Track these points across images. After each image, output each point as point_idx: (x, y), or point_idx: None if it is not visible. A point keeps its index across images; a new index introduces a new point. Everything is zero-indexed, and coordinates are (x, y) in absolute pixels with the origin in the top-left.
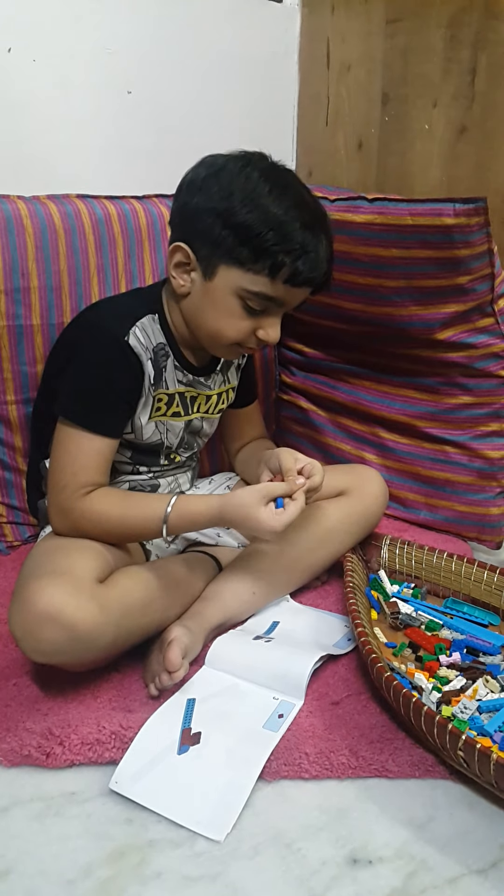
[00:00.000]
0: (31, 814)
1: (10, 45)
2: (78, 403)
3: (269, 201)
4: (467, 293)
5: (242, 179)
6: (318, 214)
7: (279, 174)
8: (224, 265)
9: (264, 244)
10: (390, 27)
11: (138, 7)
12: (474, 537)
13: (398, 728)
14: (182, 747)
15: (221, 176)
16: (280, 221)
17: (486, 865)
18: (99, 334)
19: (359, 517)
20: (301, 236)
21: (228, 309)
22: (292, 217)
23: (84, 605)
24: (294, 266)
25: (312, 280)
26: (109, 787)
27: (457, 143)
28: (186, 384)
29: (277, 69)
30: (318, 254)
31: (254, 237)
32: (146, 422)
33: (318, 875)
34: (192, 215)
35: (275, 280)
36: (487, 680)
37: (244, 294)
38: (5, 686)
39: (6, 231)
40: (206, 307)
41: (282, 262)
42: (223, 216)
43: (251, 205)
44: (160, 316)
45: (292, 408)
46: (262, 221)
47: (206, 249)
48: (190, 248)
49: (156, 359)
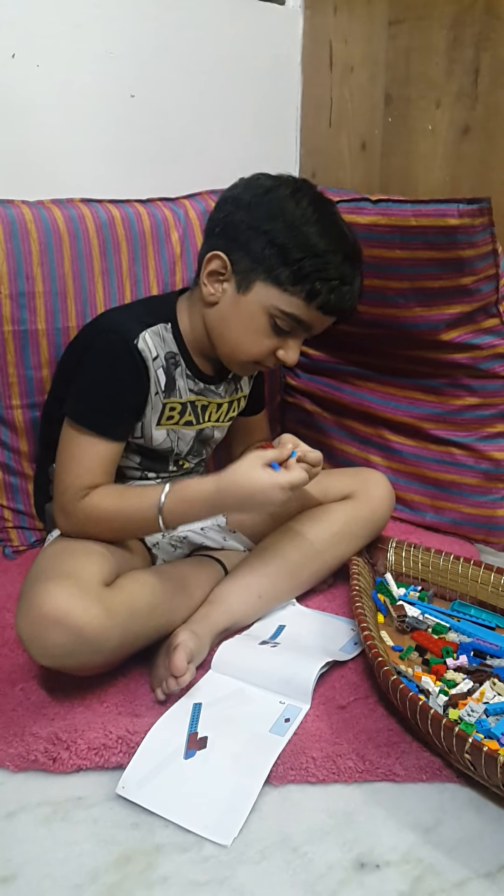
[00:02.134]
0: (37, 818)
1: (13, 51)
2: (84, 406)
3: (315, 230)
4: (472, 294)
5: (293, 204)
6: (358, 250)
7: (326, 205)
8: (261, 282)
9: (305, 270)
10: (393, 28)
11: (141, 11)
12: (481, 539)
13: (405, 731)
14: (189, 752)
15: (272, 197)
16: (324, 251)
17: (494, 869)
18: (108, 337)
19: (365, 521)
20: (341, 268)
21: (256, 325)
22: (336, 248)
23: (90, 608)
24: (330, 296)
25: (343, 311)
26: (116, 792)
27: (460, 143)
28: (197, 392)
29: (280, 71)
30: (353, 287)
31: (296, 261)
32: (155, 428)
33: (324, 879)
34: (234, 228)
35: (310, 305)
36: (495, 683)
37: (276, 313)
38: (12, 691)
39: (11, 236)
40: (234, 320)
41: (319, 290)
42: (269, 235)
43: (299, 230)
44: (173, 325)
45: (297, 410)
46: (307, 248)
47: (246, 264)
48: (228, 259)
49: (167, 366)
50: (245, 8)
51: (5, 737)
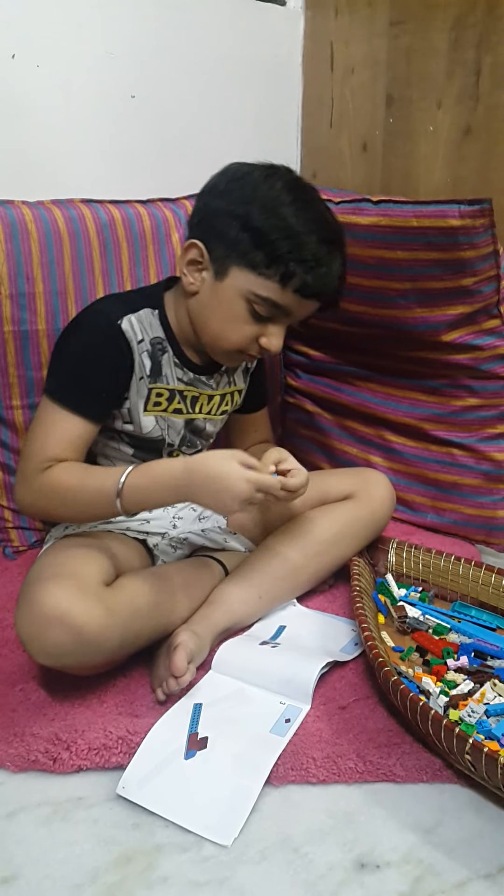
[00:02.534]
0: (38, 819)
1: (13, 52)
2: (61, 381)
3: (289, 211)
4: (473, 295)
5: (266, 187)
6: (337, 232)
7: (303, 188)
8: (236, 267)
9: (279, 251)
10: (394, 29)
11: (141, 12)
12: (482, 540)
13: (405, 732)
14: (189, 752)
15: (245, 182)
16: (298, 232)
17: (494, 870)
18: (92, 316)
19: (366, 521)
20: (316, 249)
21: (235, 312)
22: (310, 230)
23: (90, 607)
24: (305, 277)
25: (321, 294)
26: (116, 793)
27: (461, 144)
28: (187, 382)
29: (281, 72)
30: (330, 269)
31: (270, 243)
32: (143, 414)
33: (325, 880)
34: (211, 216)
35: (285, 288)
36: (495, 683)
37: (253, 298)
38: (12, 691)
39: (11, 236)
40: (213, 308)
41: (293, 272)
42: (242, 219)
43: (272, 212)
44: (160, 312)
45: (298, 411)
46: (279, 229)
47: (221, 250)
48: (205, 247)
49: (153, 351)
50: (246, 9)
51: (5, 737)
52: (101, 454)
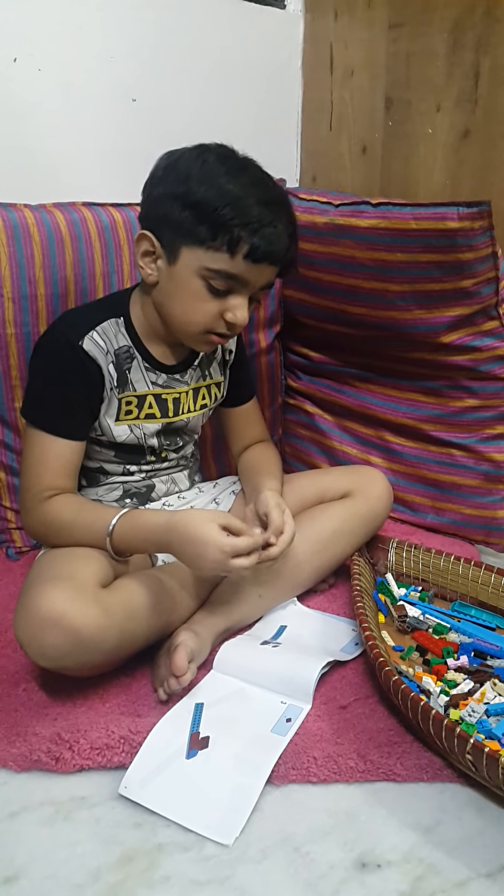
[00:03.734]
0: (40, 818)
1: (14, 55)
2: (36, 407)
3: (224, 180)
4: (472, 296)
5: (199, 163)
6: (277, 194)
7: (236, 158)
8: (185, 247)
9: (221, 219)
10: (393, 32)
11: (141, 15)
12: (481, 540)
13: (406, 732)
14: (191, 751)
15: (179, 163)
16: (236, 196)
17: (495, 869)
18: (54, 340)
19: (363, 518)
20: (258, 211)
21: (193, 291)
22: (248, 193)
23: (87, 609)
24: (252, 240)
25: (272, 255)
26: (118, 793)
27: (460, 146)
28: (163, 385)
29: (281, 75)
30: (276, 229)
31: (210, 213)
32: (114, 424)
33: (326, 879)
34: (153, 204)
35: (234, 256)
36: (495, 683)
37: (206, 273)
38: (14, 691)
39: (13, 239)
40: (173, 293)
41: (238, 237)
42: (181, 198)
43: (207, 184)
44: (125, 319)
45: (298, 412)
46: (217, 197)
47: (169, 234)
48: (154, 235)
49: (118, 362)
50: (246, 12)
51: (8, 737)
52: (86, 456)
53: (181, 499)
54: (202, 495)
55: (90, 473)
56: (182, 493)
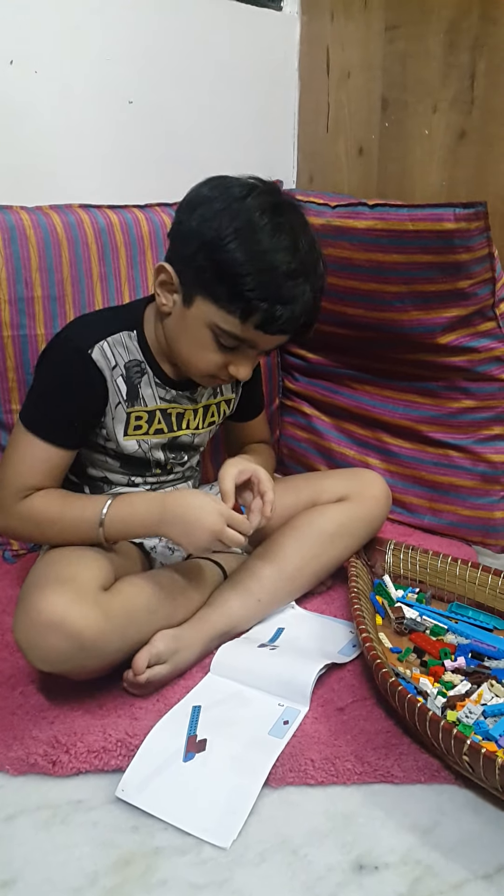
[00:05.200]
0: (37, 822)
1: (11, 58)
2: (33, 410)
3: (256, 241)
4: (468, 297)
5: (236, 210)
6: (309, 263)
7: (279, 211)
8: (200, 296)
9: (241, 287)
10: (389, 33)
11: (138, 17)
12: (479, 541)
13: (403, 733)
14: (188, 754)
15: (217, 201)
16: (261, 268)
17: (492, 871)
18: (63, 345)
19: (361, 521)
20: (281, 286)
21: (201, 340)
22: (276, 262)
23: (88, 612)
24: (267, 315)
25: (286, 330)
26: (116, 795)
27: (457, 147)
28: (169, 400)
29: (277, 77)
30: (295, 306)
31: (231, 276)
32: (123, 439)
33: (323, 881)
34: (181, 237)
35: (245, 323)
36: (492, 684)
37: (216, 330)
38: (11, 695)
39: (10, 241)
40: (182, 333)
41: (254, 308)
42: (207, 247)
43: (237, 242)
44: (139, 332)
45: (296, 413)
46: (242, 263)
47: (188, 276)
48: (174, 269)
49: (128, 375)
50: (242, 14)
51: (5, 740)
52: (90, 464)
53: None
54: None
55: (94, 482)
56: None
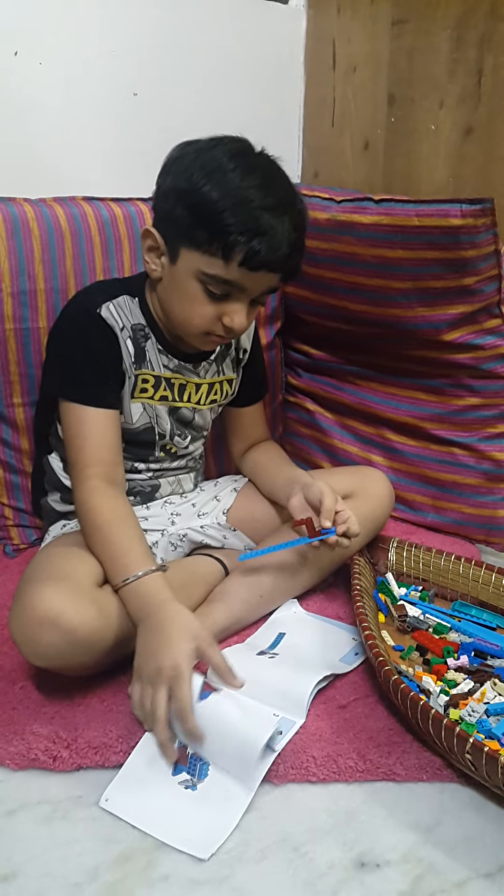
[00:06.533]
0: (37, 817)
1: (16, 49)
2: (65, 379)
3: (227, 179)
4: (474, 294)
5: (206, 157)
6: (285, 198)
7: (248, 155)
8: (184, 248)
9: (218, 224)
10: (396, 28)
11: (143, 9)
12: (482, 540)
13: (406, 731)
14: (177, 767)
15: (187, 156)
16: (236, 199)
17: (494, 869)
18: (73, 310)
19: (365, 519)
20: (258, 216)
21: (191, 294)
22: (251, 196)
23: (83, 609)
24: (248, 247)
25: (269, 264)
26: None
27: (463, 143)
28: (173, 370)
29: (283, 70)
30: (276, 236)
31: (208, 216)
32: (132, 401)
33: (325, 878)
34: (160, 198)
35: (229, 262)
36: (495, 683)
37: (203, 278)
38: (12, 689)
39: (13, 234)
40: (172, 292)
41: (234, 243)
42: (183, 196)
43: (210, 184)
44: (140, 299)
45: (299, 410)
46: (217, 200)
47: (171, 232)
48: (158, 232)
49: (135, 337)
50: (248, 7)
51: (5, 735)
52: None
53: (184, 497)
54: (203, 493)
55: None
56: (185, 493)
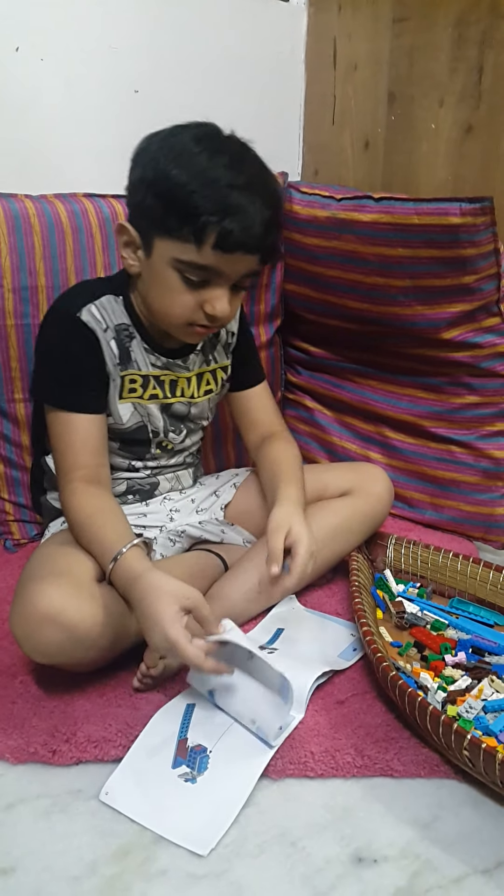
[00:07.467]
0: (37, 811)
1: (17, 45)
2: (48, 384)
3: (194, 161)
4: (473, 293)
5: (172, 143)
6: (256, 176)
7: (215, 138)
8: (158, 237)
9: (187, 207)
10: (397, 26)
11: (144, 6)
12: (480, 537)
13: (403, 727)
14: (176, 760)
15: (153, 145)
16: (203, 180)
17: (491, 865)
18: (53, 314)
19: (364, 516)
20: (227, 196)
21: (169, 284)
22: (218, 176)
23: (84, 605)
24: (219, 228)
25: (244, 245)
26: (99, 799)
27: (463, 142)
28: (161, 367)
29: (284, 68)
30: (247, 215)
31: (176, 201)
32: (120, 403)
33: (322, 873)
34: (131, 191)
35: (202, 246)
36: (493, 680)
37: (179, 266)
38: (11, 684)
39: (14, 230)
40: (151, 285)
41: (205, 224)
42: (152, 185)
43: (177, 168)
44: (125, 298)
45: (298, 407)
46: (185, 183)
47: (143, 223)
48: (132, 225)
49: (119, 338)
50: (249, 4)
51: (5, 729)
52: None
53: (183, 494)
54: (203, 488)
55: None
56: (184, 490)
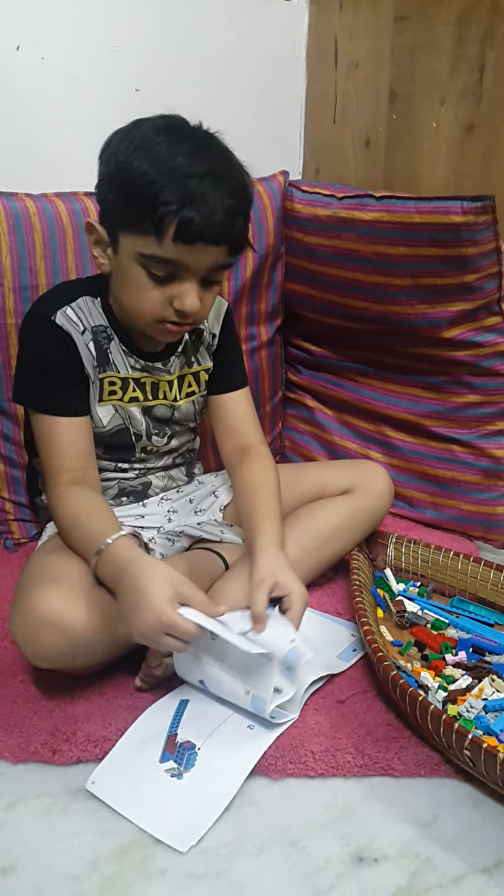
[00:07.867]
0: (37, 810)
1: (18, 43)
2: (29, 389)
3: (154, 151)
4: (474, 291)
5: (133, 135)
6: (218, 164)
7: (177, 128)
8: (122, 233)
9: (146, 197)
10: (398, 24)
11: (145, 4)
12: (480, 536)
13: (404, 727)
14: (164, 754)
15: (114, 139)
16: (162, 173)
17: (491, 864)
18: (30, 318)
19: (364, 514)
20: (186, 185)
21: (135, 280)
22: (178, 164)
23: (82, 610)
24: (178, 218)
25: (206, 235)
26: (86, 788)
27: (464, 140)
28: (141, 370)
29: (285, 67)
30: (207, 204)
31: (136, 192)
32: (99, 405)
33: (322, 873)
34: (97, 187)
35: (163, 238)
36: (493, 679)
37: (143, 260)
38: (12, 683)
39: (15, 229)
40: (120, 283)
41: (164, 214)
42: (114, 179)
43: (137, 160)
44: (103, 300)
45: (298, 406)
46: (144, 174)
47: (108, 219)
48: (100, 223)
49: (97, 340)
50: (250, 3)
51: (5, 728)
52: None
53: (179, 492)
54: (202, 487)
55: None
56: (181, 488)
